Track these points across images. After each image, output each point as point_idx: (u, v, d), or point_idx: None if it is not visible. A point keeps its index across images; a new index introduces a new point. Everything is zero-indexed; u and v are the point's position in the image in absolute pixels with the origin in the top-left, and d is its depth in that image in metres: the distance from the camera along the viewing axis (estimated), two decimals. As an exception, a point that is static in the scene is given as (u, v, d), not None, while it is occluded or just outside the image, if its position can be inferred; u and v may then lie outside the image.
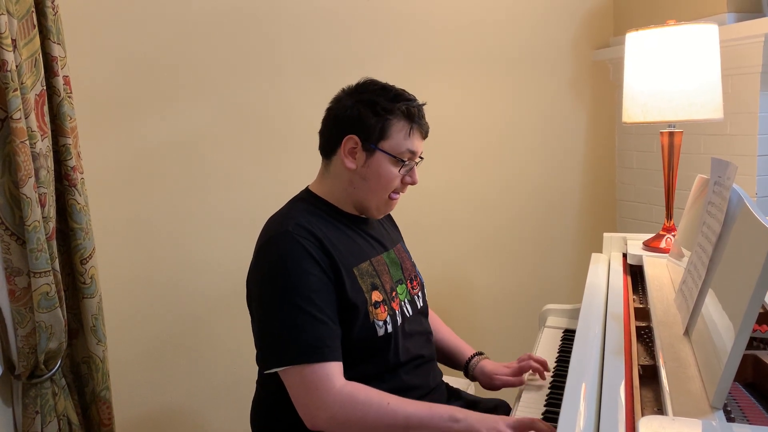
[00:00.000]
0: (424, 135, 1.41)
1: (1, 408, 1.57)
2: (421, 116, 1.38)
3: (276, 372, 1.25)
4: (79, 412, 1.73)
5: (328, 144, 1.40)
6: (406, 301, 1.43)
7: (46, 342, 1.54)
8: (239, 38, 2.16)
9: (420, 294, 1.50)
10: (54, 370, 1.60)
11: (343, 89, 1.41)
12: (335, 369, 1.22)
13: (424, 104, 1.40)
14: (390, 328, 1.33)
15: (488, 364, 1.54)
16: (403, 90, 1.40)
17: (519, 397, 1.42)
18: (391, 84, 1.40)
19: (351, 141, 1.35)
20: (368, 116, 1.34)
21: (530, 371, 1.48)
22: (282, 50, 2.21)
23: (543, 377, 1.48)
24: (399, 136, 1.35)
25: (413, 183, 1.40)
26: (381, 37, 2.32)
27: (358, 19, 2.29)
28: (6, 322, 1.52)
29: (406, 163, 1.36)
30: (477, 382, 1.58)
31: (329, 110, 1.41)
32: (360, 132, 1.34)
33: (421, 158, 1.42)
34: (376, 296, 1.33)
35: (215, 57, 2.14)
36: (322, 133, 1.42)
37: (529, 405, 1.37)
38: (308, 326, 1.22)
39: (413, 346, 1.40)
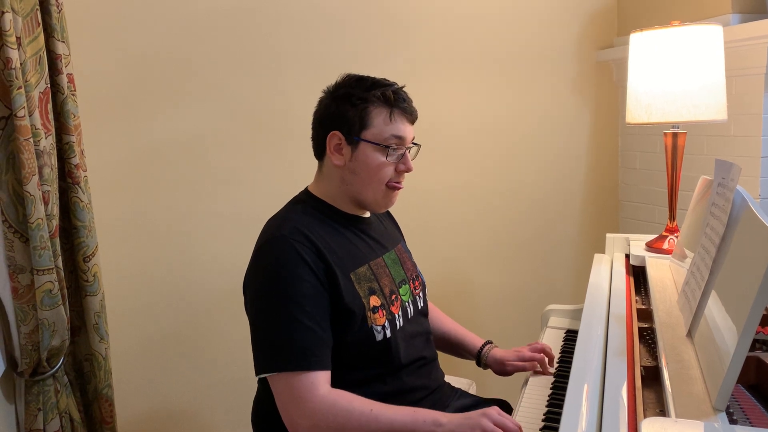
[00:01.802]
0: (411, 119, 1.37)
1: (4, 405, 1.57)
2: (401, 99, 1.34)
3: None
4: (81, 409, 1.73)
5: (317, 146, 1.40)
6: (409, 302, 1.42)
7: (48, 339, 1.54)
8: (243, 37, 2.16)
9: (421, 294, 1.50)
10: (56, 367, 1.60)
11: (324, 90, 1.40)
12: (321, 378, 1.21)
13: (402, 87, 1.38)
14: (388, 333, 1.32)
15: (499, 352, 1.57)
16: (382, 78, 1.37)
17: (521, 396, 1.42)
18: (370, 76, 1.38)
19: (335, 137, 1.34)
20: (346, 109, 1.32)
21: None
22: (285, 49, 2.21)
23: (547, 371, 1.51)
24: (379, 123, 1.32)
25: (408, 170, 1.36)
26: (384, 38, 2.32)
27: (360, 19, 2.28)
28: (9, 319, 1.52)
29: (393, 148, 1.33)
30: (475, 383, 1.59)
31: (314, 114, 1.41)
32: (341, 127, 1.33)
33: (415, 144, 1.39)
34: (374, 301, 1.32)
35: (219, 56, 2.14)
36: (312, 138, 1.41)
37: (531, 405, 1.37)
38: (297, 334, 1.20)
39: (414, 348, 1.39)
